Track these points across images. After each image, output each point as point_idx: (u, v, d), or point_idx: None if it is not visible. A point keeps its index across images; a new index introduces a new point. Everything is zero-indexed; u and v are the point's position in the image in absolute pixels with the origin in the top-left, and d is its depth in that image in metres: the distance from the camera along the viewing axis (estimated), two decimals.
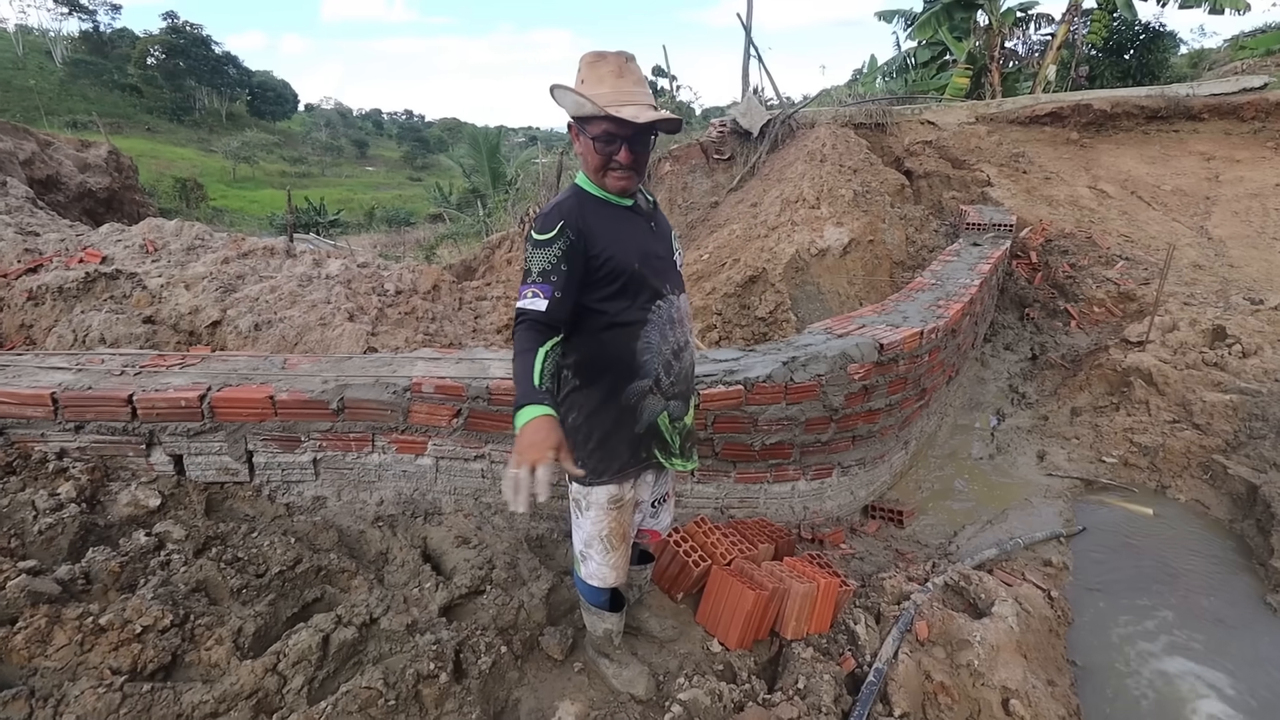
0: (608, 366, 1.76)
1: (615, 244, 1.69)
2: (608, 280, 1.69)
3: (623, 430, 1.80)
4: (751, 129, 9.52)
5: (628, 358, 1.76)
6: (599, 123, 1.61)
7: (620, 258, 1.69)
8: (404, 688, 1.80)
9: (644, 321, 1.76)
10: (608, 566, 1.91)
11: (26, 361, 2.62)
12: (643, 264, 1.73)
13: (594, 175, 1.71)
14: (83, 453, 2.40)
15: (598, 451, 1.79)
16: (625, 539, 1.93)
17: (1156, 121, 9.23)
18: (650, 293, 1.76)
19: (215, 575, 2.07)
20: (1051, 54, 13.54)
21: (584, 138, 1.66)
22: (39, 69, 53.81)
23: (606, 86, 1.60)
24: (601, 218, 1.70)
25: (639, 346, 1.76)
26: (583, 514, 1.89)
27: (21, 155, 8.30)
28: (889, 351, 3.40)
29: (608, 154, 1.65)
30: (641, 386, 1.79)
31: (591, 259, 1.66)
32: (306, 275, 4.32)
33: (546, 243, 1.61)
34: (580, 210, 1.67)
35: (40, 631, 1.74)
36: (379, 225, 31.93)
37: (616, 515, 1.88)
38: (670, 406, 1.85)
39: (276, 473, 2.56)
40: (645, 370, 1.78)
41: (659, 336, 1.79)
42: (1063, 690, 2.49)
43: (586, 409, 1.79)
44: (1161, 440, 4.27)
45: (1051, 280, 6.75)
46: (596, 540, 1.89)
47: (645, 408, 1.81)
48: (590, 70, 1.64)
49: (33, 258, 4.12)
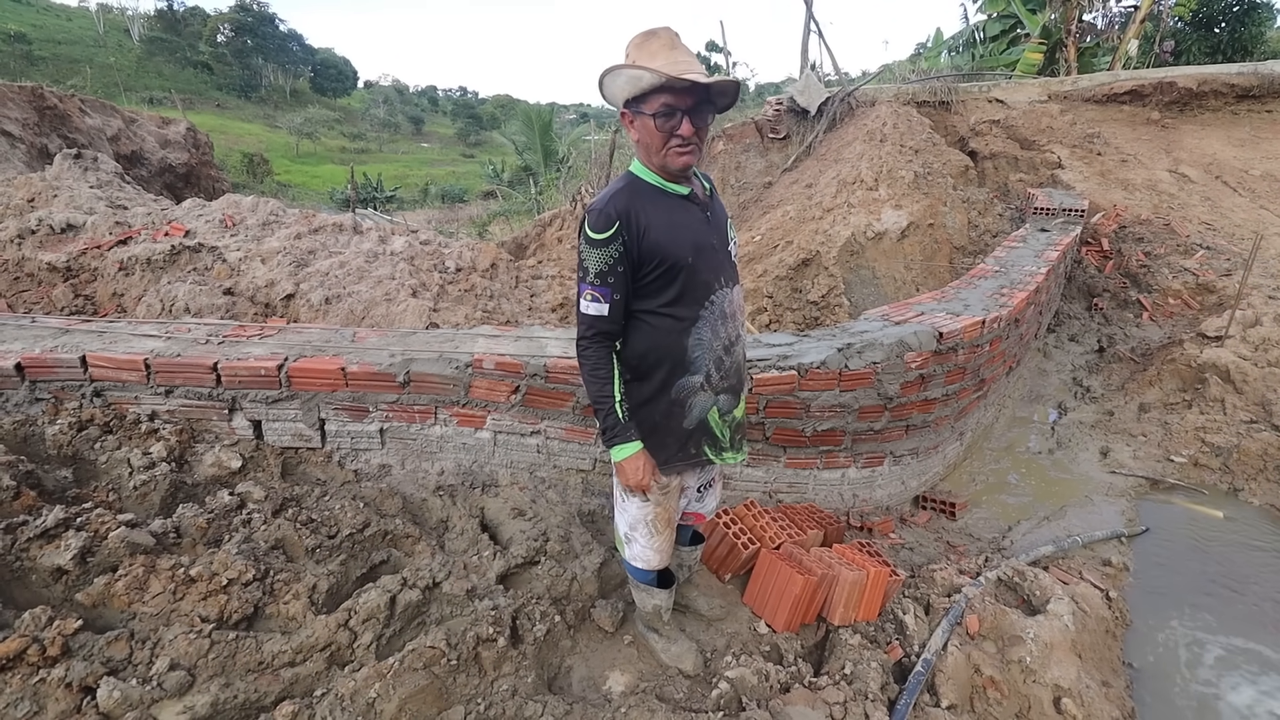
0: (659, 361, 1.77)
1: (668, 237, 1.67)
2: (659, 274, 1.69)
3: (671, 423, 1.82)
4: (809, 107, 9.30)
5: (679, 353, 1.76)
6: (657, 97, 1.59)
7: (673, 251, 1.67)
8: (465, 649, 1.90)
9: (696, 318, 1.75)
10: (652, 550, 1.96)
11: (121, 328, 2.81)
12: (696, 257, 1.71)
13: (655, 157, 1.67)
14: (172, 415, 2.57)
15: (645, 442, 1.80)
16: (670, 524, 1.97)
17: (1247, 101, 8.63)
18: (703, 287, 1.75)
19: (292, 534, 2.21)
20: (1134, 28, 12.72)
21: (641, 119, 1.63)
22: (118, 46, 56.28)
23: (661, 59, 1.57)
24: (656, 209, 1.68)
25: (690, 342, 1.76)
26: (628, 498, 1.93)
27: (109, 131, 8.77)
28: (948, 340, 3.34)
29: (669, 129, 1.61)
30: (692, 383, 1.79)
31: (645, 253, 1.65)
32: (373, 251, 4.47)
33: (602, 242, 1.62)
34: (633, 203, 1.66)
35: (138, 580, 1.89)
36: (433, 201, 32.51)
37: (663, 502, 1.92)
38: (720, 401, 1.85)
39: (346, 440, 2.69)
40: (696, 366, 1.78)
41: (710, 333, 1.78)
42: (1117, 692, 2.44)
43: (636, 400, 1.80)
44: (1236, 441, 4.07)
45: (1124, 269, 6.44)
46: (642, 524, 1.94)
47: (695, 404, 1.81)
48: (640, 49, 1.61)
49: (123, 230, 4.39)
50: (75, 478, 2.29)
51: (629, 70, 1.58)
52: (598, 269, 1.64)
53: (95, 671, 1.63)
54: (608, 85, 1.64)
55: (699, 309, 1.75)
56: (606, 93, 1.66)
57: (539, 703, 1.85)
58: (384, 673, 1.78)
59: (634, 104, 1.63)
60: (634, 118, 1.65)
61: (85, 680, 1.61)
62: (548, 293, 4.99)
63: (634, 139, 1.71)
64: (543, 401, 2.72)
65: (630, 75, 1.58)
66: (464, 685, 1.87)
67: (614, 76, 1.61)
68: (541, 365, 2.67)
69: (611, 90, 1.64)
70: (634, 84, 1.59)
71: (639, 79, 1.58)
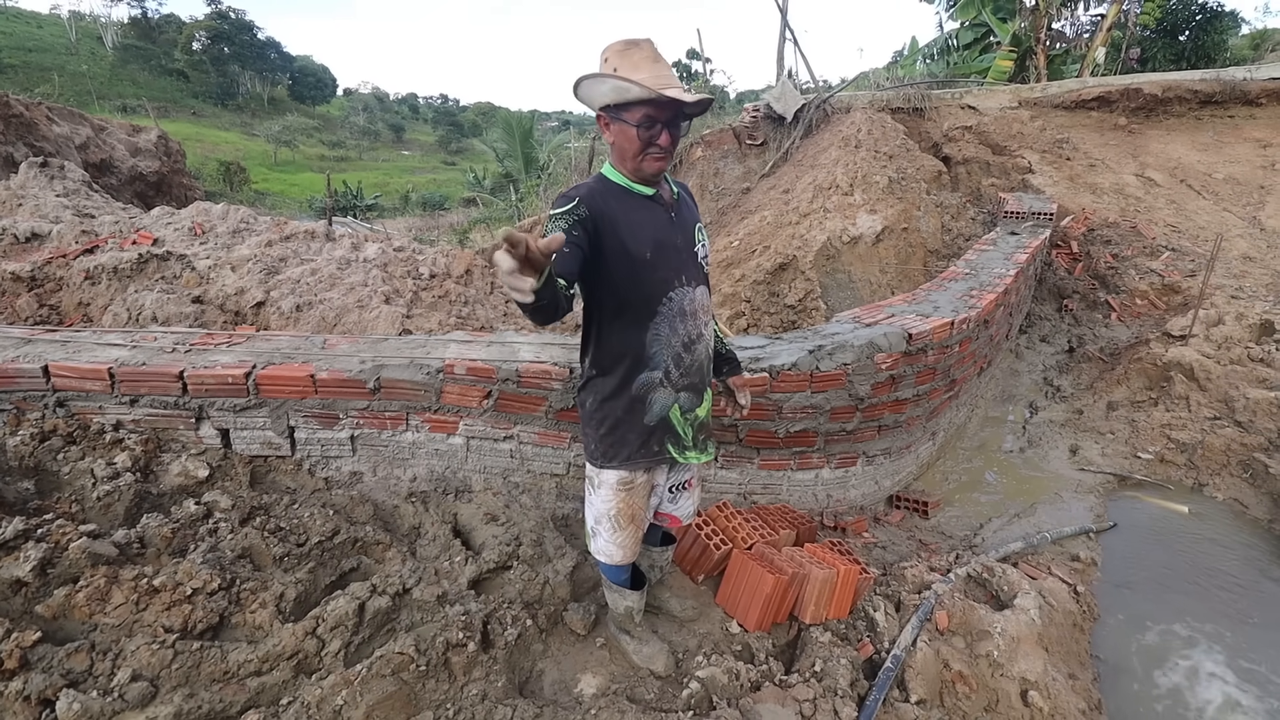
0: (620, 356, 1.81)
1: (628, 230, 1.70)
2: (618, 265, 1.70)
3: (633, 419, 1.85)
4: (785, 114, 9.41)
5: (637, 348, 1.80)
6: (640, 107, 1.62)
7: (631, 245, 1.70)
8: (434, 655, 1.89)
9: (654, 313, 1.78)
10: (614, 544, 1.98)
11: (85, 338, 2.76)
12: (655, 252, 1.75)
13: (630, 161, 1.71)
14: (137, 425, 2.53)
15: (608, 437, 1.86)
16: (634, 520, 1.98)
17: (1210, 106, 8.86)
18: (661, 284, 1.78)
19: (259, 543, 2.18)
20: (1101, 35, 13.03)
21: (618, 124, 1.66)
22: (90, 54, 55.42)
23: (645, 71, 1.61)
24: (620, 205, 1.72)
25: (648, 338, 1.79)
26: (594, 491, 1.97)
27: (77, 139, 8.64)
28: (917, 341, 3.38)
29: (649, 138, 1.66)
30: (651, 378, 1.82)
31: (604, 240, 1.67)
32: (345, 258, 4.44)
33: (562, 215, 1.63)
34: (598, 194, 1.69)
35: (100, 590, 1.86)
36: (414, 209, 32.37)
37: (626, 497, 1.93)
38: (681, 399, 1.88)
39: (316, 448, 2.67)
40: (655, 362, 1.81)
41: (669, 329, 1.80)
42: (1084, 684, 2.48)
43: (600, 395, 1.86)
44: (1201, 437, 4.17)
45: (1093, 271, 6.58)
46: (605, 519, 1.97)
47: (655, 400, 1.84)
48: (623, 58, 1.63)
49: (89, 239, 4.32)
50: (37, 489, 2.25)
51: (615, 80, 1.60)
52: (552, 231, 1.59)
53: (55, 684, 1.61)
54: (588, 89, 1.66)
55: (657, 304, 1.78)
56: (584, 95, 1.68)
57: (509, 706, 1.84)
58: (351, 680, 1.77)
59: (614, 110, 1.66)
60: (612, 122, 1.68)
61: (44, 693, 1.58)
62: None
63: (609, 141, 1.75)
64: (515, 406, 2.72)
65: (616, 85, 1.61)
66: (433, 691, 1.86)
67: (596, 83, 1.63)
68: (514, 370, 2.67)
69: (590, 95, 1.67)
70: (619, 94, 1.62)
71: (625, 90, 1.60)
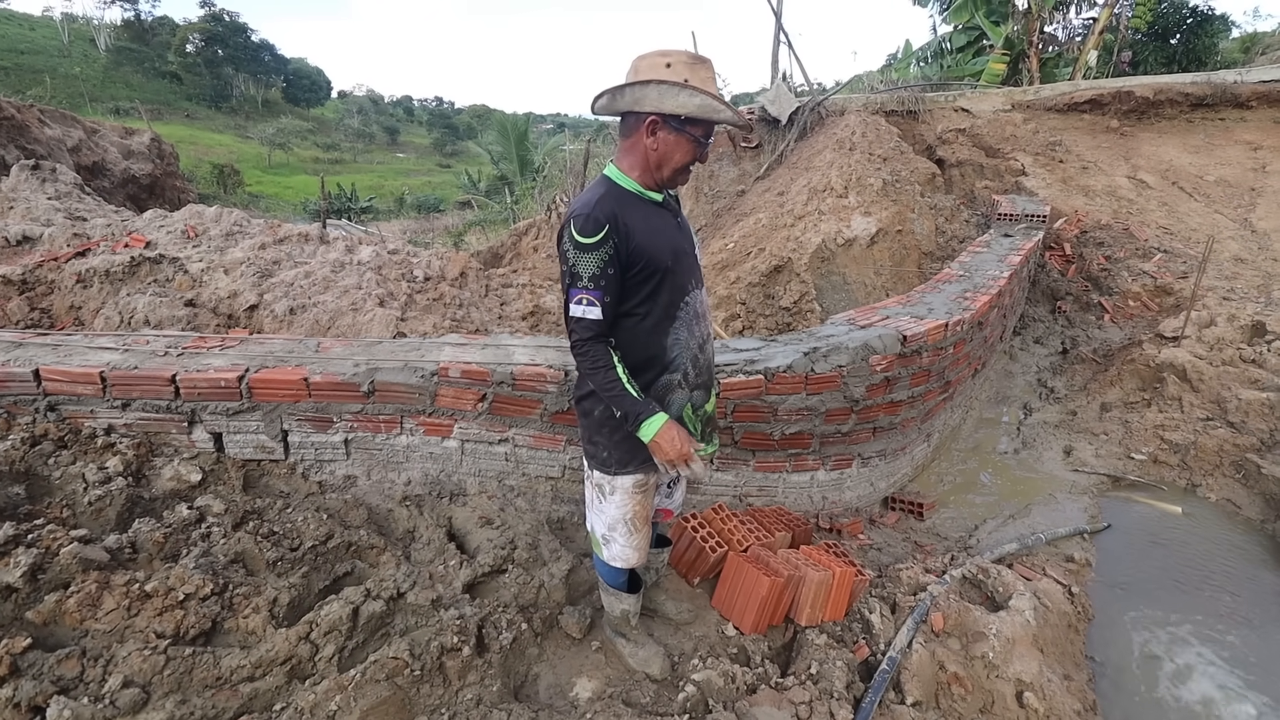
0: (641, 362, 1.81)
1: (650, 241, 1.71)
2: (644, 278, 1.73)
3: None
4: (780, 116, 9.43)
5: (659, 353, 1.82)
6: (705, 125, 1.65)
7: (655, 255, 1.72)
8: (429, 659, 1.88)
9: (674, 318, 1.81)
10: (631, 548, 1.98)
11: (76, 341, 2.75)
12: (675, 261, 1.78)
13: (665, 171, 1.71)
14: (129, 429, 2.52)
15: (625, 443, 1.85)
16: (648, 521, 2.02)
17: (1201, 109, 8.92)
18: (680, 289, 1.81)
19: (252, 548, 2.17)
20: (1093, 39, 13.13)
21: (677, 135, 1.65)
22: (83, 56, 55.18)
23: (713, 90, 1.62)
24: (638, 214, 1.72)
25: (669, 342, 1.82)
26: (606, 499, 1.96)
27: (69, 142, 8.60)
28: (912, 343, 3.39)
29: (701, 155, 1.71)
30: (671, 380, 1.85)
31: (632, 255, 1.68)
32: (339, 261, 4.43)
33: (593, 246, 1.62)
34: (618, 207, 1.68)
35: (91, 596, 1.85)
36: (409, 211, 32.34)
37: (641, 499, 1.95)
38: (694, 397, 1.91)
39: (310, 452, 2.65)
40: (675, 365, 1.84)
41: (687, 332, 1.84)
42: (1079, 685, 2.49)
43: None
44: (1194, 438, 4.19)
45: (1086, 273, 6.61)
46: (621, 524, 1.96)
47: (673, 400, 1.86)
48: (693, 73, 1.61)
49: (81, 242, 4.30)
50: (28, 494, 2.23)
51: (704, 97, 1.59)
52: (590, 273, 1.65)
53: (45, 691, 1.59)
54: (659, 95, 1.60)
55: (676, 310, 1.81)
56: (649, 98, 1.61)
57: (504, 711, 1.84)
58: (345, 685, 1.76)
59: (681, 121, 1.64)
60: (667, 131, 1.65)
61: (35, 700, 1.57)
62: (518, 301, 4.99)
63: (650, 147, 1.69)
64: (510, 409, 2.71)
65: (706, 103, 1.59)
66: (428, 696, 1.85)
67: (674, 92, 1.59)
68: (509, 373, 2.67)
69: (662, 101, 1.61)
70: (706, 111, 1.61)
71: (715, 110, 1.61)
